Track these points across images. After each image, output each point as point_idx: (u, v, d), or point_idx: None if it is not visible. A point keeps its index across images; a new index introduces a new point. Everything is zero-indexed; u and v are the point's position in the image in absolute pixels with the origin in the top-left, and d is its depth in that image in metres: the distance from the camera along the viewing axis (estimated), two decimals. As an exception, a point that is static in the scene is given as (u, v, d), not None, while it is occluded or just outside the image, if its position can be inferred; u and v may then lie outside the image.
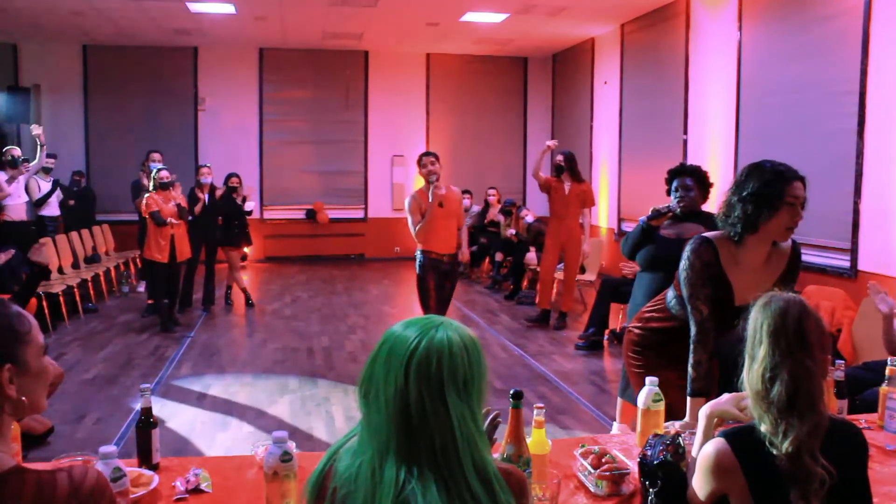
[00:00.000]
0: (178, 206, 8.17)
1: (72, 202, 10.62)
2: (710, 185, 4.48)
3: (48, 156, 10.23)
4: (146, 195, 8.14)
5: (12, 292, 7.35)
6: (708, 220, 4.26)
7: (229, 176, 9.41)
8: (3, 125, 11.35)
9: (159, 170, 8.20)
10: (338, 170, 14.14)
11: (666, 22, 9.77)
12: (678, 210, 4.40)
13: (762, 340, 1.86)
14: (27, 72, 12.78)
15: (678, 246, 4.24)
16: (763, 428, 1.82)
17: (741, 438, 1.85)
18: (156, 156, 9.68)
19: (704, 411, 2.13)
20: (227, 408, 5.76)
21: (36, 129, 8.51)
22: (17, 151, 9.01)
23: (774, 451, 1.77)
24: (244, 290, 9.79)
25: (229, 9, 10.33)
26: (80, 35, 12.22)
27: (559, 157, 8.58)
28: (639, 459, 2.11)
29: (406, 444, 1.35)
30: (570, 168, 8.41)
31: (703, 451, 1.87)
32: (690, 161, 9.00)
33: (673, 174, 4.49)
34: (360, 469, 1.37)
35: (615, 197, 11.33)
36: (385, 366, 1.38)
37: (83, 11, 10.42)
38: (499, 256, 11.27)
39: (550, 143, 8.64)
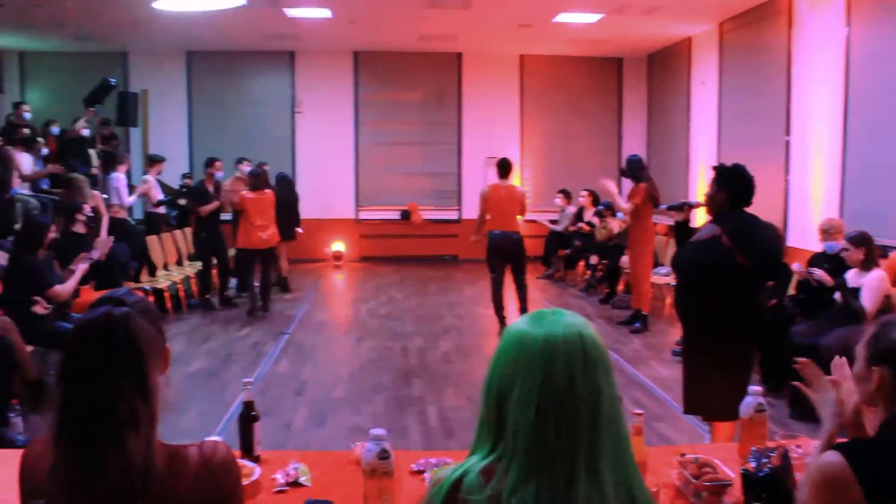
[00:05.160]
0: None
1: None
2: (745, 189, 4.24)
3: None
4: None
5: (120, 286, 7.70)
6: (725, 221, 4.12)
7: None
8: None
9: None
10: (432, 171, 14.22)
11: (767, 19, 9.46)
12: (691, 206, 4.72)
13: None
14: (137, 78, 13.38)
15: (689, 252, 4.22)
16: None
17: (860, 453, 1.73)
18: (218, 164, 9.93)
19: (832, 422, 1.99)
20: (323, 404, 5.89)
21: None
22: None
23: None
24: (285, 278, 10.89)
25: (325, 13, 10.53)
26: (184, 41, 12.73)
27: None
28: (742, 472, 2.05)
29: (593, 450, 1.25)
30: (627, 172, 8.50)
31: (816, 465, 1.75)
32: (793, 163, 8.76)
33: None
34: (540, 498, 1.22)
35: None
36: (587, 374, 1.26)
37: (188, 18, 10.77)
38: (593, 259, 11.08)
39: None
